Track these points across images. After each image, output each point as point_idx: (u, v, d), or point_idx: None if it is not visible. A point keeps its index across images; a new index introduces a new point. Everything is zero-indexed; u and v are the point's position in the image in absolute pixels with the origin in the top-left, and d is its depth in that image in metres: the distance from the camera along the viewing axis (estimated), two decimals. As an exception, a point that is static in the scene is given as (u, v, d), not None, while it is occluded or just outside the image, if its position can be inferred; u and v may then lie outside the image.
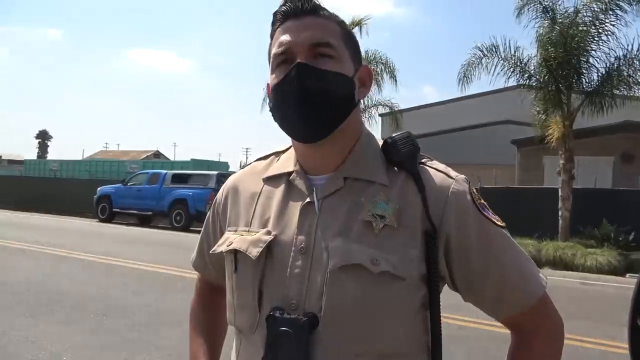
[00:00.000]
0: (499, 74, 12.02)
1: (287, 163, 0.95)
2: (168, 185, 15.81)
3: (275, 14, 0.90)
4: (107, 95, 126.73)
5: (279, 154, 1.00)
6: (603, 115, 11.66)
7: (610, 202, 11.82)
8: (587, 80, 11.67)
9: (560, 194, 11.52)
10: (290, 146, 0.97)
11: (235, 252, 0.90)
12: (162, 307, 5.34)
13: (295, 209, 0.88)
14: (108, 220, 16.65)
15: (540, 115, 12.28)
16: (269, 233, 0.88)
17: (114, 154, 50.59)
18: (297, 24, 0.87)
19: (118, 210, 16.65)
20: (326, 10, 0.90)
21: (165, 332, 4.53)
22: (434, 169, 0.90)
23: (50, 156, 58.46)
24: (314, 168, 0.91)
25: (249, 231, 0.91)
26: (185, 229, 14.65)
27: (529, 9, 11.77)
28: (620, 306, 2.78)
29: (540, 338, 0.90)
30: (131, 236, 12.88)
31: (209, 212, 1.06)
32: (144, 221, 16.55)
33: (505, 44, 11.88)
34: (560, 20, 11.51)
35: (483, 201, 0.90)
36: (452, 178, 0.89)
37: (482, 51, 12.07)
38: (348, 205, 0.86)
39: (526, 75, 12.05)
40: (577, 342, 4.65)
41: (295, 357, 0.80)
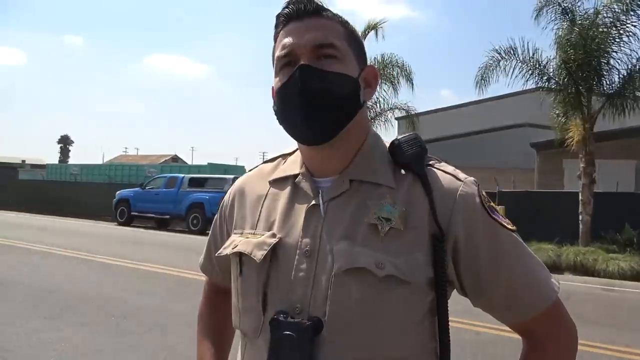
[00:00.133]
0: (517, 76, 11.87)
1: (294, 165, 0.94)
2: (185, 189, 15.97)
3: (278, 17, 0.90)
4: (127, 101, 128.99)
5: (286, 156, 0.99)
6: (624, 118, 11.43)
7: (632, 206, 11.57)
8: (608, 82, 11.47)
9: (580, 198, 11.32)
10: (297, 149, 0.96)
11: (240, 255, 0.89)
12: (179, 310, 5.37)
13: (301, 211, 0.87)
14: (126, 223, 16.87)
15: (560, 118, 12.10)
16: (274, 236, 0.87)
17: (133, 158, 51.31)
18: (300, 25, 0.87)
19: (136, 213, 16.86)
20: (329, 11, 0.89)
21: (182, 334, 4.55)
22: (442, 170, 0.88)
23: (72, 160, 59.58)
24: (320, 170, 0.90)
25: (254, 234, 0.90)
26: (202, 232, 14.75)
27: (547, 10, 11.62)
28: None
29: (553, 344, 0.87)
30: (149, 240, 13.03)
31: (216, 214, 1.06)
32: (161, 225, 16.72)
33: (524, 46, 11.73)
34: (580, 22, 11.33)
35: (493, 204, 0.88)
36: (460, 180, 0.87)
37: (499, 53, 11.93)
38: (354, 208, 0.85)
39: (545, 78, 11.87)
40: (598, 350, 4.55)
41: None
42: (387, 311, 0.80)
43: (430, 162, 0.89)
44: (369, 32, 15.98)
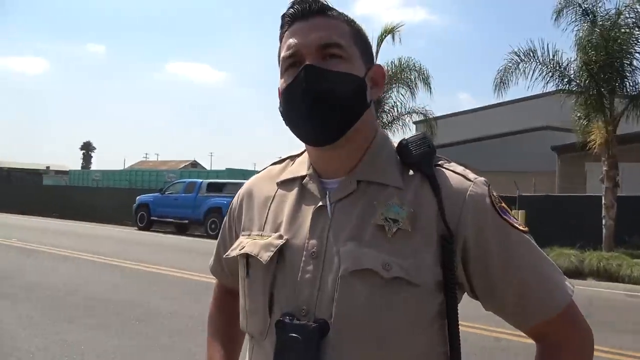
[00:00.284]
0: (537, 79, 11.72)
1: (301, 167, 0.94)
2: (203, 194, 16.12)
3: (283, 17, 0.89)
4: (147, 107, 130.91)
5: (294, 157, 0.99)
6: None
7: (658, 210, 11.30)
8: (631, 84, 11.25)
9: (603, 202, 11.09)
10: (305, 150, 0.95)
11: (247, 257, 0.89)
12: (196, 314, 5.40)
13: (308, 212, 0.87)
14: (146, 228, 17.08)
15: (582, 121, 11.90)
16: (280, 237, 0.87)
17: (153, 163, 52.08)
18: (305, 25, 0.86)
19: (156, 218, 17.06)
20: (334, 10, 0.88)
21: (199, 338, 4.57)
22: (451, 171, 0.86)
23: (94, 166, 60.82)
24: (327, 171, 0.90)
25: (261, 235, 0.90)
26: (220, 237, 14.86)
27: (567, 11, 11.46)
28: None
29: (567, 349, 0.84)
30: (168, 244, 13.17)
31: (226, 217, 1.06)
32: (180, 229, 16.89)
33: (543, 48, 11.58)
34: (601, 23, 11.14)
35: (504, 205, 0.86)
36: (470, 180, 0.85)
37: (519, 56, 11.78)
38: (361, 209, 0.84)
39: (566, 80, 11.69)
40: (621, 357, 4.43)
41: None
42: (394, 313, 0.78)
43: (439, 162, 0.87)
44: (385, 36, 15.94)
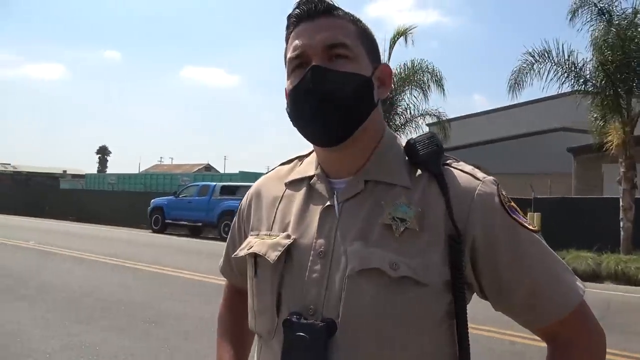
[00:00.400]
0: (552, 79, 11.58)
1: (309, 167, 0.94)
2: (217, 196, 16.21)
3: (289, 17, 0.89)
4: (162, 112, 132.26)
5: (302, 158, 0.99)
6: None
7: (678, 212, 11.06)
8: (649, 84, 11.05)
9: (621, 203, 10.91)
10: (313, 150, 0.95)
11: (255, 256, 0.89)
12: (207, 316, 5.42)
13: (316, 212, 0.87)
14: (161, 231, 17.23)
15: (598, 122, 11.72)
16: (288, 237, 0.87)
17: (168, 167, 52.58)
18: (311, 26, 0.86)
19: (170, 221, 17.20)
20: (340, 10, 0.88)
21: (211, 340, 4.59)
22: (459, 170, 0.86)
23: (109, 170, 61.56)
24: (335, 171, 0.90)
25: (269, 235, 0.90)
26: (233, 239, 14.90)
27: (582, 11, 11.32)
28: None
29: (578, 350, 0.83)
30: (181, 247, 13.26)
31: (235, 217, 1.06)
32: (194, 232, 16.99)
33: (558, 48, 11.44)
34: (618, 22, 10.98)
35: (513, 204, 0.85)
36: (478, 179, 0.84)
37: (533, 56, 11.66)
38: (368, 209, 0.84)
39: (581, 80, 11.53)
40: (640, 362, 4.34)
41: None
42: (402, 313, 0.78)
43: (447, 162, 0.87)
44: (398, 38, 15.90)
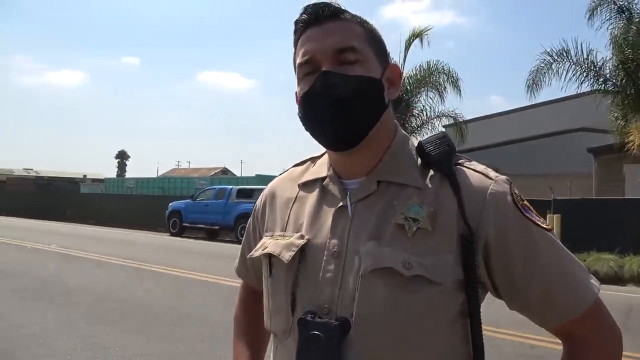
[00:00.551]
0: (570, 79, 11.45)
1: (321, 168, 0.95)
2: (234, 200, 16.30)
3: (296, 23, 0.90)
4: (179, 116, 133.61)
5: (314, 159, 1.00)
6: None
7: (703, 213, 10.79)
8: (672, 82, 10.83)
9: (643, 205, 10.69)
10: (325, 151, 0.96)
11: (270, 256, 0.91)
12: (226, 318, 5.45)
13: (329, 213, 0.88)
14: (179, 234, 17.40)
15: (619, 122, 11.54)
16: (302, 237, 0.88)
17: (185, 171, 53.10)
18: (319, 31, 0.86)
19: (188, 224, 17.35)
20: (347, 12, 0.88)
21: (229, 342, 4.61)
22: (471, 169, 0.86)
23: (128, 174, 62.39)
24: (347, 172, 0.90)
25: (283, 236, 0.92)
26: (250, 242, 14.95)
27: (602, 9, 11.18)
28: None
29: (593, 348, 0.83)
30: (199, 249, 13.37)
31: (250, 218, 1.08)
32: (211, 235, 17.12)
33: (577, 47, 11.32)
34: (638, 20, 10.79)
35: (526, 203, 0.85)
36: (491, 179, 0.84)
37: (551, 56, 11.55)
38: (381, 209, 0.84)
39: (601, 80, 11.38)
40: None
41: None
42: (415, 312, 0.78)
43: (460, 161, 0.87)
44: (413, 40, 15.87)
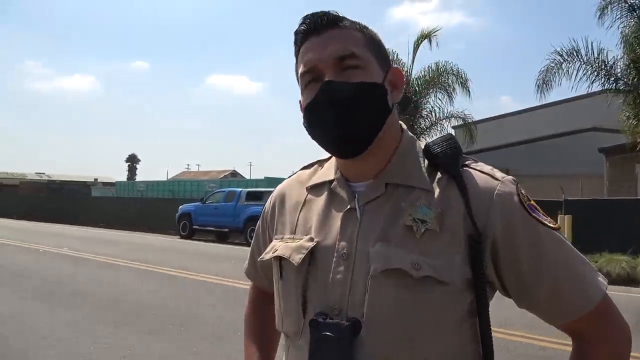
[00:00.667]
0: (581, 78, 11.35)
1: (329, 171, 0.96)
2: (243, 202, 16.36)
3: (296, 33, 0.90)
4: (189, 120, 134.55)
5: (322, 162, 1.01)
6: None
7: None
8: (684, 81, 10.70)
9: (657, 205, 10.56)
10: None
11: (280, 259, 0.92)
12: (236, 320, 5.48)
13: (337, 215, 0.89)
14: (189, 237, 17.48)
15: (631, 121, 11.41)
16: (311, 240, 0.89)
17: (195, 174, 53.39)
18: (319, 40, 0.86)
19: (197, 227, 17.43)
20: (346, 20, 0.89)
21: (239, 344, 4.63)
22: (477, 170, 0.87)
23: (138, 178, 62.86)
24: (355, 175, 0.91)
25: (293, 238, 0.93)
26: (259, 245, 14.96)
27: (612, 8, 11.07)
28: None
29: (602, 345, 0.84)
30: (209, 252, 13.43)
31: (259, 221, 1.09)
32: (221, 237, 17.18)
33: (587, 46, 11.23)
34: (649, 18, 10.68)
35: (533, 202, 0.86)
36: (497, 179, 0.85)
37: (561, 55, 11.47)
38: (389, 211, 0.85)
39: (612, 79, 11.27)
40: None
41: None
42: (425, 312, 0.79)
43: (466, 163, 0.88)
44: (422, 41, 15.84)
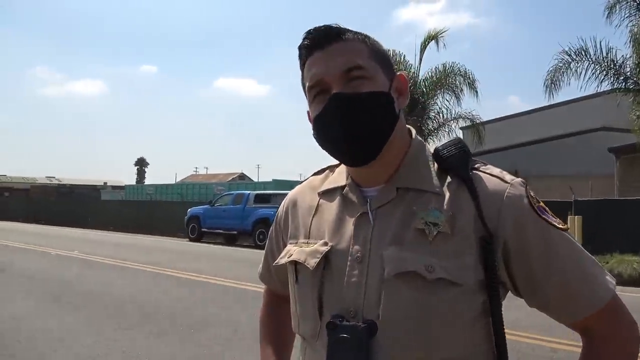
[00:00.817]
0: (590, 78, 11.27)
1: (340, 177, 0.98)
2: (251, 205, 16.40)
3: (300, 49, 0.92)
4: (197, 123, 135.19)
5: (333, 167, 1.04)
6: None
7: None
8: (694, 79, 10.60)
9: (668, 205, 10.45)
10: None
11: (296, 264, 0.94)
12: (245, 322, 5.51)
13: (350, 220, 0.91)
14: (197, 239, 17.56)
15: (641, 120, 11.30)
16: (325, 244, 0.91)
17: (203, 177, 53.66)
18: (323, 54, 0.88)
19: (206, 230, 17.51)
20: (349, 32, 0.90)
21: (249, 346, 4.66)
22: (487, 173, 0.88)
23: (147, 181, 63.22)
24: (366, 181, 0.93)
25: (307, 243, 0.95)
26: (268, 247, 14.98)
27: (620, 7, 10.99)
28: None
29: (612, 343, 0.86)
30: (218, 254, 13.50)
31: (272, 226, 1.11)
32: (229, 240, 17.23)
33: (596, 46, 11.14)
34: (659, 16, 10.59)
35: (542, 204, 0.87)
36: (507, 182, 0.87)
37: (570, 55, 11.40)
38: (401, 215, 0.87)
39: (622, 78, 11.18)
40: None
41: None
42: (439, 313, 0.81)
43: (476, 166, 0.89)
44: (429, 42, 15.81)
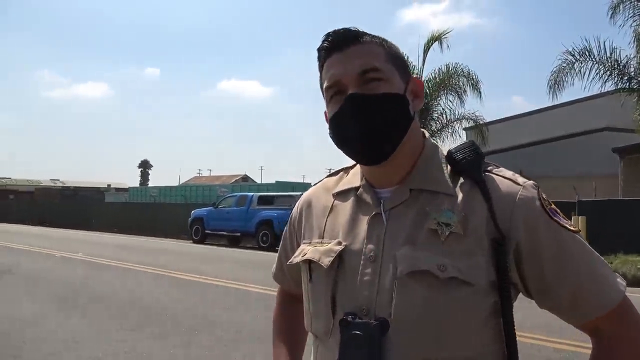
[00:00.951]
0: (594, 78, 11.26)
1: (354, 178, 1.00)
2: (254, 207, 16.41)
3: (319, 51, 0.95)
4: (200, 125, 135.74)
5: (347, 169, 1.06)
6: None
7: None
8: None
9: (673, 205, 10.41)
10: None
11: (310, 262, 0.96)
12: (248, 324, 5.52)
13: (364, 220, 0.92)
14: (201, 241, 17.59)
15: (645, 120, 11.28)
16: (339, 243, 0.93)
17: (206, 179, 53.76)
18: (341, 56, 0.91)
19: (210, 231, 17.53)
20: (367, 35, 0.93)
21: (252, 348, 4.67)
22: (500, 176, 0.90)
23: (151, 183, 63.50)
24: (380, 182, 0.95)
25: (321, 243, 0.96)
26: (271, 248, 15.01)
27: (624, 7, 10.99)
28: None
29: (622, 344, 0.87)
30: (221, 256, 13.50)
31: (286, 227, 1.13)
32: (233, 242, 17.25)
33: (600, 46, 11.15)
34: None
35: (554, 206, 0.89)
36: (519, 184, 0.88)
37: (573, 55, 11.41)
38: (414, 216, 0.89)
39: (625, 78, 11.17)
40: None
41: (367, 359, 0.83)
42: (450, 312, 0.82)
43: (488, 168, 0.91)
44: (432, 43, 15.81)
